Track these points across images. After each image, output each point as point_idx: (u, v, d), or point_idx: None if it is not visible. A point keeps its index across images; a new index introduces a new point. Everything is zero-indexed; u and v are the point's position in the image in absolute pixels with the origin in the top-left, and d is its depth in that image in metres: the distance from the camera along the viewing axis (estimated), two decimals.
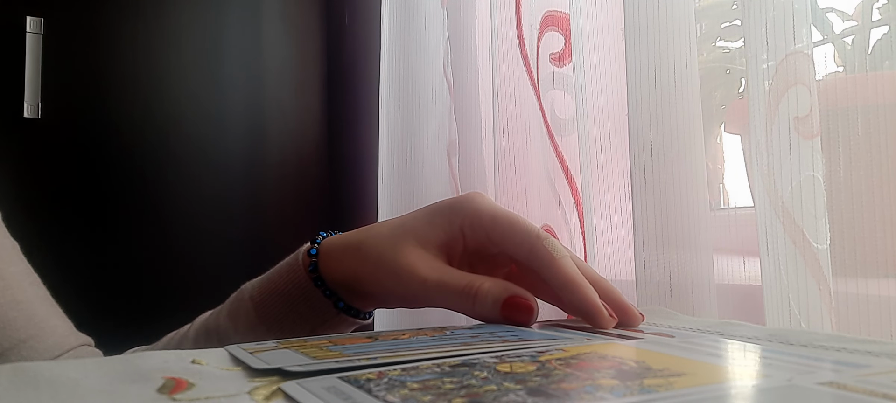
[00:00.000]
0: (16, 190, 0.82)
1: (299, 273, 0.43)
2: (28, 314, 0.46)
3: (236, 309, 0.44)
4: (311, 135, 1.20)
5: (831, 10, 0.56)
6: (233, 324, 0.44)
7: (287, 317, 0.43)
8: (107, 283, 0.99)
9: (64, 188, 0.98)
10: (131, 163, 1.03)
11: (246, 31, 1.13)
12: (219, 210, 1.09)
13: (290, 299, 0.43)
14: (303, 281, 0.42)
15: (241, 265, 1.12)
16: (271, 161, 1.14)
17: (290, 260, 0.44)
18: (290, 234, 1.15)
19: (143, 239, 1.04)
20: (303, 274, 0.42)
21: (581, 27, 0.62)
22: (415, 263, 0.39)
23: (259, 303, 0.43)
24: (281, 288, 0.43)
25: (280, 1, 1.17)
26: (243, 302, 0.44)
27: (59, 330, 0.48)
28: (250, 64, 1.13)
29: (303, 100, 1.19)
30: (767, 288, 0.47)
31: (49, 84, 0.97)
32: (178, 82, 1.07)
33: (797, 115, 0.46)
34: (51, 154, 0.98)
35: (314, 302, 0.42)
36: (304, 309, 0.42)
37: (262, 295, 0.44)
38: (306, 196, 1.18)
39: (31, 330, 0.45)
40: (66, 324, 0.49)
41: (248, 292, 0.45)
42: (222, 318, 0.45)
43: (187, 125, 1.08)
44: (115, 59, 1.03)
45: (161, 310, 1.05)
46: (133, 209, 1.04)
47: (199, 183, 1.08)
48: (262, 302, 0.43)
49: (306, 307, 0.42)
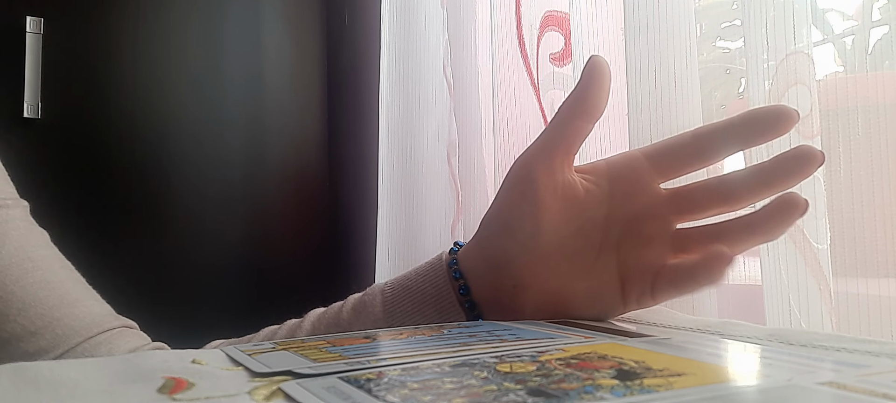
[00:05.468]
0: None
1: (439, 270, 0.42)
2: (60, 293, 0.45)
3: (363, 303, 0.43)
4: (311, 135, 1.20)
5: (831, 10, 0.56)
6: (356, 317, 0.43)
7: (412, 317, 0.42)
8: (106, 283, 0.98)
9: (64, 188, 0.98)
10: (131, 162, 1.03)
11: (246, 31, 1.13)
12: (219, 210, 1.09)
13: (423, 296, 0.42)
14: (440, 278, 0.41)
15: (241, 265, 1.13)
16: (271, 161, 1.14)
17: (432, 260, 0.43)
18: (290, 234, 1.15)
19: (143, 239, 1.04)
20: (443, 271, 0.41)
21: (581, 27, 0.62)
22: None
23: (389, 297, 0.42)
24: (414, 284, 0.42)
25: (280, 1, 1.17)
26: (375, 295, 0.43)
27: (97, 310, 0.47)
28: (250, 64, 1.13)
29: (303, 100, 1.19)
30: (767, 288, 0.47)
31: (49, 84, 0.97)
32: (178, 82, 1.07)
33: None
34: (51, 154, 0.98)
35: (443, 306, 0.41)
36: (431, 312, 0.41)
37: (394, 290, 0.43)
38: (306, 196, 1.18)
39: (65, 309, 0.45)
40: (105, 307, 0.48)
41: (379, 286, 0.44)
42: (346, 311, 0.43)
43: (187, 125, 1.07)
44: (115, 59, 1.03)
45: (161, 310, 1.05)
46: (133, 208, 1.04)
47: (199, 182, 1.08)
48: (393, 297, 0.42)
49: (433, 310, 0.41)
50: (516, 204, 0.39)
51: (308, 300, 0.46)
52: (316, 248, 1.18)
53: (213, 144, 1.09)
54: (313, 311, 0.45)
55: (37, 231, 0.48)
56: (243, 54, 1.13)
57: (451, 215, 0.87)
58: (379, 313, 0.42)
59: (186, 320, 0.48)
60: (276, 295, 1.10)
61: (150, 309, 0.53)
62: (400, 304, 0.42)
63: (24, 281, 0.44)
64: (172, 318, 0.50)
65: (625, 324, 0.37)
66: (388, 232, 0.93)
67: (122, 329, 0.48)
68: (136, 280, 1.01)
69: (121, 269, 1.01)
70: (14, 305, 0.43)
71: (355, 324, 0.42)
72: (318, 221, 1.19)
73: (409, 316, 0.41)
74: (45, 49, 0.96)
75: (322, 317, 0.44)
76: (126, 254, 1.02)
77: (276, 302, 1.11)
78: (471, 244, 0.42)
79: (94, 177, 1.01)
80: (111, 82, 1.02)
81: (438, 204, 0.88)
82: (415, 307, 0.42)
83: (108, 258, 1.00)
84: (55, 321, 0.44)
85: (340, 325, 0.43)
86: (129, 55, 1.04)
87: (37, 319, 0.43)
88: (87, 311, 0.46)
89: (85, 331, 0.45)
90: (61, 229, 0.51)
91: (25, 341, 0.43)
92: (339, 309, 0.44)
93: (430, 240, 0.88)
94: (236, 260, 1.09)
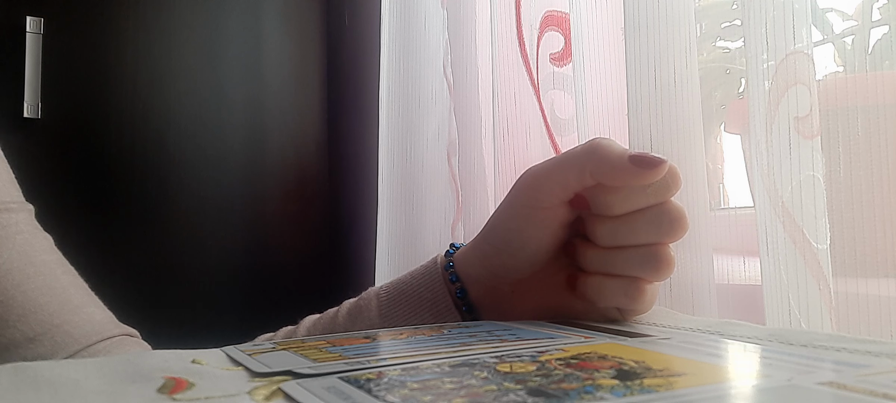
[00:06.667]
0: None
1: (435, 274, 0.42)
2: (61, 300, 0.45)
3: (358, 308, 0.43)
4: (311, 135, 1.20)
5: (831, 10, 0.56)
6: (351, 322, 0.43)
7: (408, 321, 0.41)
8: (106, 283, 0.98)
9: (64, 188, 0.98)
10: (131, 162, 1.03)
11: (246, 31, 1.13)
12: (219, 209, 1.09)
13: (419, 299, 0.41)
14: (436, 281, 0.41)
15: (241, 265, 1.13)
16: (271, 161, 1.14)
17: (427, 264, 0.43)
18: (290, 234, 1.15)
19: (143, 239, 1.04)
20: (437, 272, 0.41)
21: (581, 27, 0.62)
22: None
23: (384, 301, 0.42)
24: (409, 288, 0.42)
25: (280, 1, 1.17)
26: (370, 299, 0.43)
27: (97, 317, 0.46)
28: (250, 64, 1.13)
29: (303, 100, 1.19)
30: (767, 288, 0.47)
31: (49, 84, 0.97)
32: (178, 82, 1.07)
33: (797, 115, 0.46)
34: (51, 154, 0.98)
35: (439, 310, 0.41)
36: (428, 315, 0.41)
37: (389, 294, 0.43)
38: (306, 196, 1.18)
39: (65, 316, 0.44)
40: (106, 314, 0.48)
41: (375, 290, 0.44)
42: (341, 316, 0.43)
43: (187, 125, 1.07)
44: (115, 59, 1.03)
45: (161, 310, 1.05)
46: (133, 209, 1.04)
47: (199, 182, 1.08)
48: (389, 300, 0.42)
49: (430, 314, 0.41)
50: (521, 225, 0.38)
51: (308, 300, 0.46)
52: (316, 248, 1.18)
53: (213, 144, 1.09)
54: (308, 318, 0.45)
55: (41, 235, 0.48)
56: (243, 54, 1.13)
57: (451, 215, 0.87)
58: (375, 317, 0.42)
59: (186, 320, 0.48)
60: (275, 295, 1.10)
61: (149, 309, 0.53)
62: (396, 308, 0.42)
63: (26, 286, 0.44)
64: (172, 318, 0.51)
65: (625, 324, 0.37)
66: (388, 232, 0.93)
67: (123, 337, 0.47)
68: (136, 279, 1.01)
69: (120, 269, 1.01)
70: (14, 310, 0.43)
71: (351, 330, 0.42)
72: (318, 221, 1.19)
73: (405, 320, 0.41)
74: (45, 49, 0.96)
75: (317, 324, 0.44)
76: (126, 254, 1.02)
77: (275, 302, 1.11)
78: (470, 250, 0.42)
79: (94, 176, 1.01)
80: (111, 82, 1.02)
81: (438, 205, 0.88)
82: (411, 310, 0.41)
83: (107, 258, 1.00)
84: (54, 327, 0.44)
85: (336, 330, 0.43)
86: (129, 55, 1.04)
87: (36, 325, 0.43)
88: (88, 319, 0.46)
89: (84, 339, 0.45)
90: (61, 229, 0.51)
91: (24, 348, 0.43)
92: (335, 314, 0.44)
93: (430, 240, 0.88)
94: (236, 260, 1.09)
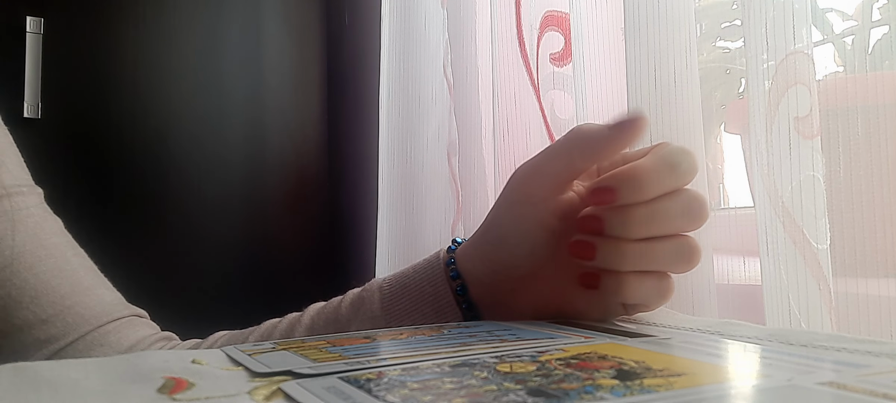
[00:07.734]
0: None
1: (437, 269, 0.41)
2: (72, 281, 0.45)
3: (361, 299, 0.43)
4: (311, 135, 1.20)
5: (831, 10, 0.56)
6: (354, 313, 0.43)
7: (409, 315, 0.41)
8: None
9: (64, 188, 0.98)
10: (131, 162, 1.03)
11: (246, 31, 1.13)
12: (219, 209, 1.09)
13: (421, 294, 0.41)
14: (437, 277, 0.41)
15: (241, 265, 1.13)
16: (271, 161, 1.14)
17: (430, 258, 0.43)
18: (290, 234, 1.15)
19: (144, 238, 1.04)
20: (439, 267, 0.41)
21: (581, 27, 0.62)
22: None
23: (386, 294, 0.42)
24: (412, 282, 0.42)
25: (280, 1, 1.17)
26: (372, 291, 0.43)
27: (108, 298, 0.47)
28: (250, 64, 1.13)
29: (303, 100, 1.19)
30: (767, 288, 0.47)
31: (49, 84, 0.96)
32: (178, 82, 1.07)
33: (797, 115, 0.46)
34: (51, 154, 0.98)
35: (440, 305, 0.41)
36: (429, 310, 0.41)
37: (392, 287, 0.43)
38: (306, 196, 1.18)
39: (76, 297, 0.45)
40: (116, 295, 0.49)
41: (377, 282, 0.44)
42: (344, 306, 0.43)
43: (187, 125, 1.07)
44: (115, 59, 1.03)
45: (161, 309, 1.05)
46: (133, 208, 1.04)
47: (200, 182, 1.08)
48: (390, 294, 0.42)
49: (432, 309, 0.41)
50: (515, 222, 0.39)
51: (308, 299, 0.46)
52: (316, 248, 1.18)
53: (213, 144, 1.09)
54: (313, 305, 0.45)
55: (51, 218, 0.49)
56: (243, 54, 1.13)
57: (451, 215, 0.87)
58: (377, 310, 0.42)
59: (186, 319, 0.48)
60: (275, 295, 1.10)
61: (149, 309, 0.53)
62: (398, 302, 0.42)
63: (37, 268, 0.45)
64: (172, 318, 0.50)
65: (625, 324, 0.37)
66: (388, 232, 0.93)
67: (132, 318, 0.48)
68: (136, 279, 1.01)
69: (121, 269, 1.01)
70: (27, 292, 0.44)
71: (354, 320, 0.42)
72: (318, 221, 1.19)
73: (407, 314, 0.41)
74: (45, 49, 0.96)
75: (321, 312, 0.44)
76: (126, 254, 1.02)
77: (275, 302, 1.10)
78: (469, 246, 0.42)
79: (95, 176, 1.01)
80: (111, 82, 1.02)
81: (438, 205, 0.88)
82: (413, 305, 0.42)
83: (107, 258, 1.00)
84: (66, 309, 0.44)
85: (339, 320, 0.43)
86: (130, 55, 1.04)
87: (48, 307, 0.44)
88: (98, 300, 0.46)
89: (95, 320, 0.45)
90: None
91: (37, 328, 0.43)
92: (339, 304, 0.44)
93: (430, 240, 0.88)
94: (236, 261, 1.09)
